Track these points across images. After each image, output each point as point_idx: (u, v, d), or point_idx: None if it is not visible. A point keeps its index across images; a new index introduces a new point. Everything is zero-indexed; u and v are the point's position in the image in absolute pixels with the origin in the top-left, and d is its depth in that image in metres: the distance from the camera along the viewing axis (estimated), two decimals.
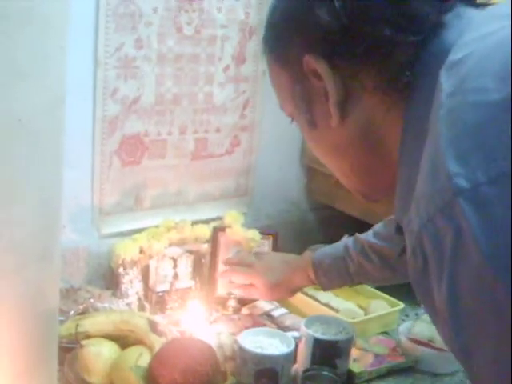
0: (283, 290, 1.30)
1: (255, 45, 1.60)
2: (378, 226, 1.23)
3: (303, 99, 0.66)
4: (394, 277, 1.21)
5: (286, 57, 0.66)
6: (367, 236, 1.22)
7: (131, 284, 1.40)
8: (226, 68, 1.57)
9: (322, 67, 0.61)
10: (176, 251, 1.46)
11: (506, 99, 0.46)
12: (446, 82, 0.52)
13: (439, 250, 0.46)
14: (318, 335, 1.19)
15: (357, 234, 1.24)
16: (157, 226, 1.48)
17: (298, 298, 1.46)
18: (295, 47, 0.64)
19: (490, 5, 0.61)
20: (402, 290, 1.51)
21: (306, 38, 0.63)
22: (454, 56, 0.54)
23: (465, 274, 0.45)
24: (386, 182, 0.65)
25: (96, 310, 1.29)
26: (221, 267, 1.49)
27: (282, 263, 1.30)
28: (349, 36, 0.60)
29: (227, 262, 1.43)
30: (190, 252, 1.48)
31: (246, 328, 1.27)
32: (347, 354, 1.21)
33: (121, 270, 1.40)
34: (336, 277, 1.23)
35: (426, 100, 0.53)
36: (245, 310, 1.43)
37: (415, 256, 0.50)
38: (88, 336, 1.17)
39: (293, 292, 1.32)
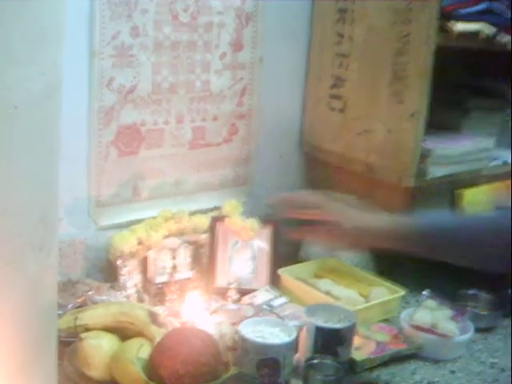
0: (366, 243, 1.14)
1: (252, 31, 1.58)
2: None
3: None
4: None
5: None
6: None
7: (130, 276, 1.38)
8: (223, 55, 1.55)
9: None
10: (174, 242, 1.44)
11: None
12: None
13: None
14: (320, 324, 1.18)
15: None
16: (155, 217, 1.46)
17: (298, 287, 1.45)
18: None
19: None
20: (402, 277, 1.50)
21: None
22: None
23: None
24: None
25: (95, 302, 1.27)
26: (220, 257, 1.48)
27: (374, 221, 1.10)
28: None
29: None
30: (189, 242, 1.46)
31: (247, 318, 1.26)
32: (349, 341, 1.20)
33: (119, 262, 1.38)
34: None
35: None
36: (245, 300, 1.42)
37: None
38: (87, 329, 1.16)
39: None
